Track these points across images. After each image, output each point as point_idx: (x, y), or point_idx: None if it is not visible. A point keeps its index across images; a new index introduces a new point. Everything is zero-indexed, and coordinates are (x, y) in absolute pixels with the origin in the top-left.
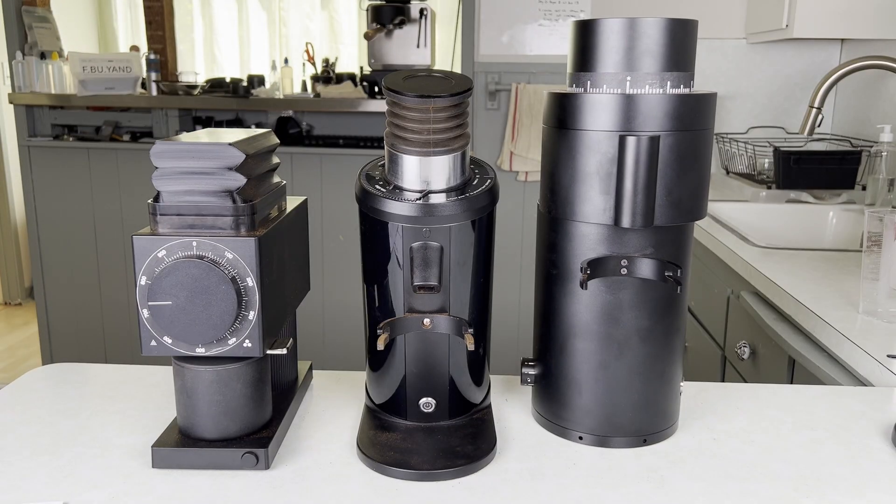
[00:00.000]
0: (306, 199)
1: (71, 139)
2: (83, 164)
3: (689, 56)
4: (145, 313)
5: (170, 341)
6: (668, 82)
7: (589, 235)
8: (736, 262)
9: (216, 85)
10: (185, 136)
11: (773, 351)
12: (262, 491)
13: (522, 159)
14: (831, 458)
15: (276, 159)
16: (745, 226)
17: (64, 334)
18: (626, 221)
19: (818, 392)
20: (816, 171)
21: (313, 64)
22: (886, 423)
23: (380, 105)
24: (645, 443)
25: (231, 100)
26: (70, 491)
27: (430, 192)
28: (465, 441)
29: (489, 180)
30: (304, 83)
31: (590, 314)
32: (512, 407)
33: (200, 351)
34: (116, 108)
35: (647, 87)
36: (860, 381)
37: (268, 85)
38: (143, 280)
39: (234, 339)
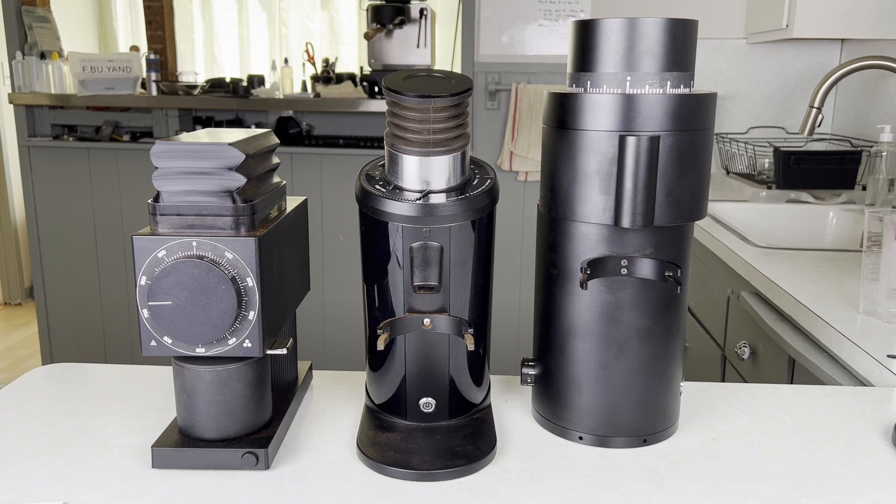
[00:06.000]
0: (306, 199)
1: (71, 139)
2: (83, 164)
3: (689, 56)
4: (145, 313)
5: (170, 341)
6: (668, 82)
7: (589, 235)
8: (736, 262)
9: (216, 85)
10: (185, 136)
11: (773, 351)
12: (262, 491)
13: (522, 159)
14: (831, 458)
15: (276, 159)
16: (745, 226)
17: (64, 334)
18: (626, 221)
19: (818, 392)
20: (816, 171)
21: (313, 64)
22: (886, 423)
23: (380, 105)
24: (645, 443)
25: (231, 100)
26: (70, 491)
27: (430, 192)
28: (465, 441)
29: (489, 180)
30: (304, 83)
31: (590, 314)
32: (512, 407)
33: (200, 351)
34: (116, 108)
35: (647, 87)
36: (860, 381)
37: (268, 85)
38: (143, 280)
39: (234, 339)
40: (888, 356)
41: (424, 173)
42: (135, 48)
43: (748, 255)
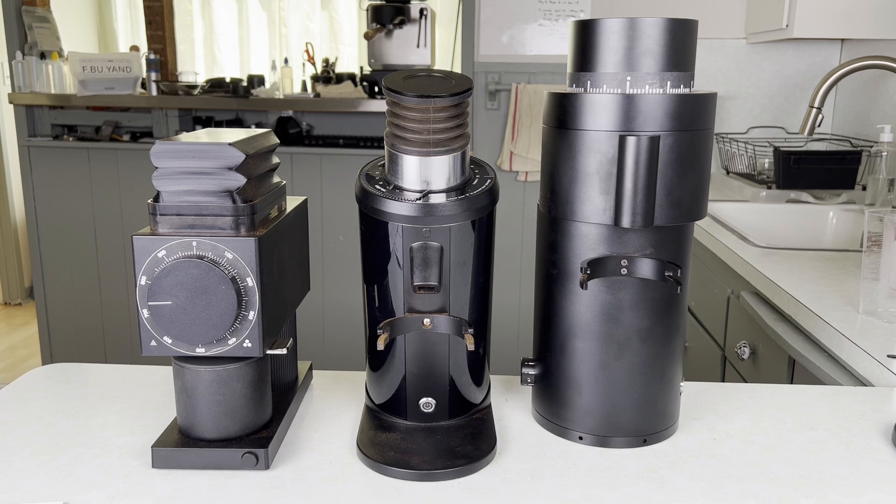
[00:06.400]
0: (306, 199)
1: (71, 139)
2: (83, 164)
3: (689, 56)
4: (145, 313)
5: (170, 341)
6: (668, 82)
7: (589, 235)
8: (736, 262)
9: (216, 85)
10: (185, 136)
11: (773, 351)
12: (262, 491)
13: (522, 159)
14: (831, 458)
15: (276, 159)
16: (745, 226)
17: (64, 334)
18: (626, 221)
19: (818, 392)
20: (816, 171)
21: (313, 64)
22: (886, 423)
23: (380, 105)
24: (645, 443)
25: (231, 100)
26: (70, 491)
27: (430, 192)
28: (465, 441)
29: (489, 180)
30: (304, 83)
31: (590, 314)
32: (512, 407)
33: (200, 351)
34: (116, 108)
35: (647, 87)
36: (860, 381)
37: (268, 85)
38: (143, 280)
39: (234, 339)
40: (888, 356)
41: (424, 173)
42: (135, 48)
43: (748, 255)
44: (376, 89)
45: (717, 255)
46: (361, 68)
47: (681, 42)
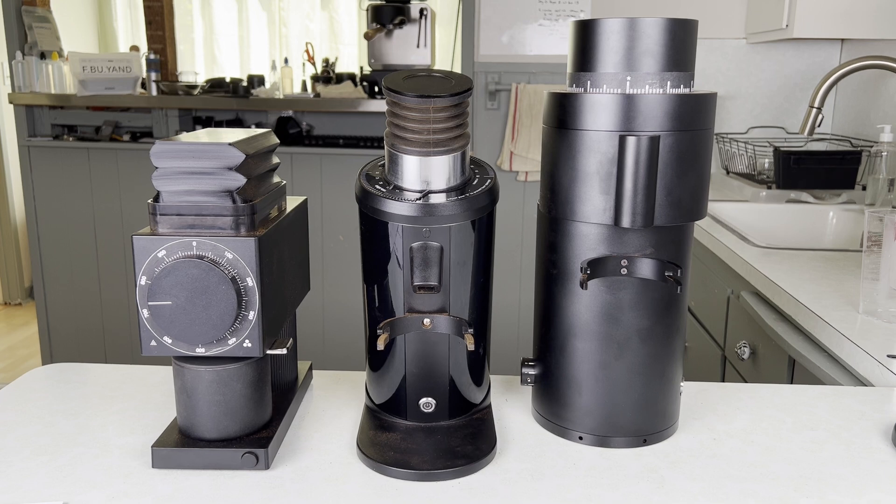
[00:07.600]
0: (306, 199)
1: (71, 139)
2: (83, 164)
3: (689, 56)
4: (145, 313)
5: (170, 341)
6: (668, 82)
7: (589, 235)
8: (736, 262)
9: (216, 85)
10: (185, 136)
11: (773, 351)
12: (262, 491)
13: (522, 159)
14: (831, 458)
15: (276, 159)
16: (745, 226)
17: (64, 334)
18: (626, 221)
19: (818, 392)
20: (816, 171)
21: (313, 64)
22: (886, 423)
23: (380, 105)
24: (645, 443)
25: (231, 100)
26: (70, 491)
27: (430, 192)
28: (465, 441)
29: (489, 180)
30: (304, 83)
31: (590, 314)
32: (512, 407)
33: (200, 351)
34: (116, 108)
35: (647, 87)
36: (860, 381)
37: (268, 85)
38: (143, 280)
39: (234, 339)
40: (888, 356)
41: (424, 173)
42: (135, 48)
43: (748, 255)
44: (376, 89)
45: (717, 255)
46: (361, 68)
47: (681, 42)
